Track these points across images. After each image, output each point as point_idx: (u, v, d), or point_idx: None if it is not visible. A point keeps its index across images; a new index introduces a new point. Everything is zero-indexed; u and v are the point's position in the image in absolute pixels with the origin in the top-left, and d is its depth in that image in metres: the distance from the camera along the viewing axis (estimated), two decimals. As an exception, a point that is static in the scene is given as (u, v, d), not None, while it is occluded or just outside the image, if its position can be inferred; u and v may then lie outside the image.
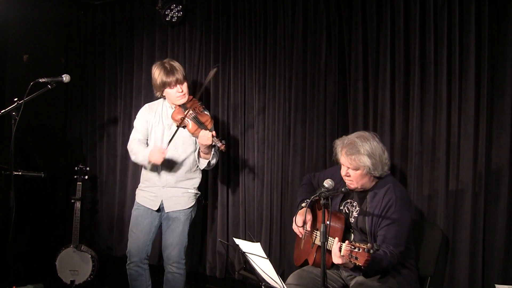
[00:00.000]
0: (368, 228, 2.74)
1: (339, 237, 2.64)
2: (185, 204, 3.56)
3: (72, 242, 4.37)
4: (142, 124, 3.57)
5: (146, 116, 3.58)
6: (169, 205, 3.53)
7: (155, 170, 3.53)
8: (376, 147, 2.74)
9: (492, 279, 3.00)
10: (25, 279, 4.32)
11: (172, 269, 3.56)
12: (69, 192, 4.73)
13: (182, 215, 3.55)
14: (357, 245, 2.39)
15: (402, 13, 3.32)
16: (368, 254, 2.33)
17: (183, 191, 3.56)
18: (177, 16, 4.20)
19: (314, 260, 2.90)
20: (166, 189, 3.53)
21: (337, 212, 2.90)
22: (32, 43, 4.60)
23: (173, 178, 3.53)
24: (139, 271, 3.59)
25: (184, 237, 3.57)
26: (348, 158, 2.74)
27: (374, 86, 3.44)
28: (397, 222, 2.66)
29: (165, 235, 3.58)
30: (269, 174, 3.93)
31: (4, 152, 3.78)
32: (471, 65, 3.07)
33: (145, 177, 3.60)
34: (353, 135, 2.83)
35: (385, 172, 2.78)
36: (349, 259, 2.40)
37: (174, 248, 3.54)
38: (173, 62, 3.50)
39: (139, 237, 3.56)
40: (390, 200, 2.70)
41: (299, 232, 2.98)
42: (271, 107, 3.91)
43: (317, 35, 3.67)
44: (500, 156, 3.02)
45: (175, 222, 3.54)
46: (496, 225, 3.02)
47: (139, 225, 3.56)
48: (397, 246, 2.63)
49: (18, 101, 3.12)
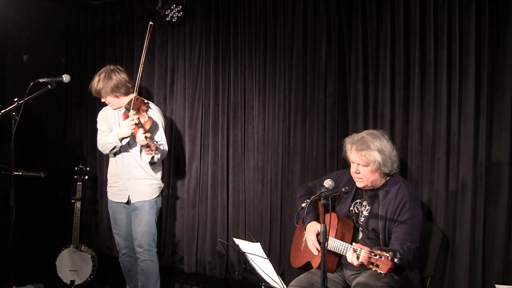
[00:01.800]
0: (382, 227, 2.75)
1: (348, 241, 2.68)
2: (150, 195, 3.74)
3: (72, 242, 4.37)
4: (103, 124, 3.80)
5: (104, 116, 3.82)
6: (135, 196, 3.71)
7: (120, 163, 3.71)
8: (386, 144, 2.78)
9: (492, 279, 3.00)
10: (25, 279, 4.32)
11: (145, 256, 3.72)
12: (69, 192, 4.73)
13: (146, 204, 3.72)
14: (378, 253, 2.36)
15: (402, 13, 3.32)
16: (392, 262, 2.32)
17: (147, 182, 3.74)
18: (177, 16, 4.20)
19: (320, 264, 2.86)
20: (132, 181, 3.71)
21: (343, 217, 2.90)
22: (32, 43, 4.60)
23: (137, 170, 3.71)
24: (131, 261, 3.83)
25: (152, 225, 3.73)
26: (358, 154, 2.77)
27: (374, 86, 3.44)
28: (412, 219, 2.69)
29: (134, 226, 3.75)
30: (269, 174, 3.92)
31: (4, 152, 3.78)
32: (471, 65, 3.07)
33: (111, 173, 3.81)
34: (363, 132, 2.87)
35: (394, 170, 2.80)
36: (368, 265, 2.39)
37: (143, 236, 3.70)
38: (100, 76, 3.68)
39: (121, 231, 3.79)
40: (404, 198, 2.73)
41: (316, 250, 2.91)
42: (271, 107, 3.91)
43: (317, 35, 3.67)
44: (500, 156, 3.02)
45: (141, 212, 3.71)
46: (496, 225, 3.03)
47: (117, 220, 3.79)
48: (414, 242, 2.66)
49: (18, 101, 3.12)
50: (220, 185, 4.14)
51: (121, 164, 3.73)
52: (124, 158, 3.71)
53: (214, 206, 4.18)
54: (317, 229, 2.91)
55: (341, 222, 2.84)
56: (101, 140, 3.73)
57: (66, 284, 4.37)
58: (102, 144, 3.71)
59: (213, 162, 4.18)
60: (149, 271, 3.74)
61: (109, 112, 3.81)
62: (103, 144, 3.70)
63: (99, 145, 3.79)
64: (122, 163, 3.72)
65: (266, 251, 3.60)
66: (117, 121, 3.77)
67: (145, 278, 3.74)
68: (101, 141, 3.74)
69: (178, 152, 4.38)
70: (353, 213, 2.91)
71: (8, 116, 3.11)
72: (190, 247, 4.29)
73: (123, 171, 3.72)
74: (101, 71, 3.72)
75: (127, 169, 3.71)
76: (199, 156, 4.26)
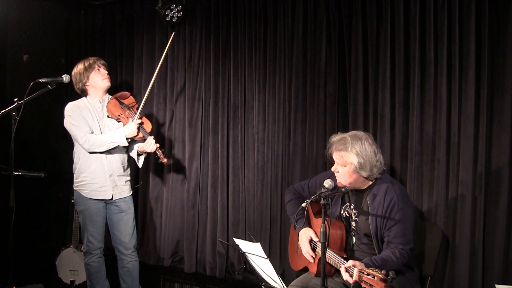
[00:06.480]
0: (373, 231, 2.73)
1: (338, 248, 2.67)
2: (128, 191, 3.81)
3: (72, 242, 4.37)
4: (80, 119, 3.63)
5: (79, 111, 3.65)
6: (117, 193, 3.71)
7: (104, 159, 3.67)
8: (367, 148, 2.71)
9: (492, 279, 3.00)
10: (25, 279, 4.32)
11: (132, 257, 3.76)
12: (69, 192, 4.72)
13: (130, 204, 3.79)
14: (370, 272, 2.30)
15: (402, 13, 3.31)
16: (385, 284, 2.24)
17: (125, 179, 3.78)
18: (177, 16, 4.20)
19: (317, 271, 2.82)
20: (114, 177, 3.70)
21: (336, 221, 2.89)
22: (32, 43, 4.61)
23: (119, 166, 3.72)
24: (101, 262, 3.78)
25: (134, 225, 3.81)
26: (337, 153, 2.76)
27: (374, 86, 3.44)
28: (403, 220, 2.65)
29: (119, 226, 3.74)
30: (269, 174, 3.93)
31: (4, 152, 3.78)
32: (471, 65, 3.07)
33: (89, 170, 3.67)
34: (348, 133, 2.83)
35: (374, 174, 2.74)
36: (362, 283, 2.35)
37: (132, 237, 3.77)
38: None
39: (98, 232, 3.71)
40: (392, 199, 2.69)
41: (311, 257, 2.87)
42: (271, 107, 3.91)
43: (317, 35, 3.67)
44: (500, 156, 3.02)
45: (128, 213, 3.76)
46: (496, 225, 3.02)
47: (95, 221, 3.69)
48: (406, 243, 2.63)
49: (18, 101, 3.12)
50: (220, 185, 4.14)
51: (104, 160, 3.66)
52: (110, 153, 3.67)
53: (214, 206, 4.18)
54: (310, 236, 2.90)
55: (332, 229, 2.80)
56: (96, 139, 3.58)
57: (66, 284, 4.37)
58: (98, 143, 3.58)
59: (213, 162, 4.18)
60: (135, 272, 3.77)
61: (82, 108, 3.68)
62: (99, 143, 3.58)
63: (88, 144, 3.58)
64: (106, 159, 3.66)
65: (266, 251, 3.61)
66: (95, 115, 3.68)
67: (132, 279, 3.76)
68: (95, 140, 3.58)
69: (178, 152, 4.38)
70: (344, 217, 2.90)
71: (8, 116, 3.12)
72: (190, 247, 4.29)
73: (106, 167, 3.66)
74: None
75: (110, 165, 3.68)
76: (199, 156, 4.26)
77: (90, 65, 3.67)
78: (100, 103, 3.73)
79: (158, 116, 4.48)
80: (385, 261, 2.53)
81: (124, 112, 3.70)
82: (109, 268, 3.85)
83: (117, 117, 3.70)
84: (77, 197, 3.73)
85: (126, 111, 3.71)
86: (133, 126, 3.60)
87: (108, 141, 3.60)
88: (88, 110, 3.68)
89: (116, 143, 3.60)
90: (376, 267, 2.38)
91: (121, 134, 3.59)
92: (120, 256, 3.77)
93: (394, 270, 2.47)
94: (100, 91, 3.73)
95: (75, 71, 3.70)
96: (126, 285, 3.78)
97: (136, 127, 3.61)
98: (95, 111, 3.70)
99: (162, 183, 4.47)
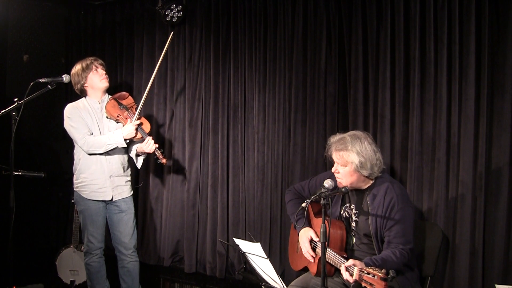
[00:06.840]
0: (373, 231, 2.73)
1: (338, 248, 2.66)
2: (129, 191, 3.81)
3: (72, 242, 4.37)
4: (79, 121, 3.63)
5: (78, 113, 3.65)
6: (117, 193, 3.71)
7: (103, 160, 3.66)
8: (367, 147, 2.72)
9: (492, 279, 3.00)
10: (25, 279, 4.32)
11: (132, 257, 3.76)
12: (69, 192, 4.72)
13: (130, 204, 3.78)
14: (370, 271, 2.30)
15: (402, 13, 3.31)
16: (385, 282, 2.24)
17: (125, 179, 3.77)
18: (177, 16, 4.20)
19: (317, 271, 2.83)
20: (114, 178, 3.69)
21: (336, 221, 2.89)
22: (32, 43, 4.61)
23: (119, 167, 3.72)
24: (101, 262, 3.77)
25: (134, 225, 3.81)
26: (337, 153, 2.75)
27: (374, 86, 3.44)
28: (402, 220, 2.65)
29: (119, 226, 3.74)
30: (269, 174, 3.93)
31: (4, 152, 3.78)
32: (471, 65, 3.07)
33: (89, 171, 3.67)
34: (347, 133, 2.83)
35: (375, 173, 2.74)
36: (362, 283, 2.35)
37: (132, 237, 3.76)
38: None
39: (99, 232, 3.71)
40: (392, 199, 2.69)
41: (311, 257, 2.88)
42: (271, 107, 3.91)
43: (317, 35, 3.67)
44: (500, 156, 3.02)
45: (128, 213, 3.75)
46: (496, 225, 3.02)
47: (95, 222, 3.69)
48: (407, 243, 2.63)
49: (18, 101, 3.12)
50: (220, 185, 4.14)
51: (104, 161, 3.66)
52: (109, 154, 3.67)
53: (214, 206, 4.18)
54: (310, 236, 2.90)
55: (333, 229, 2.80)
56: (94, 141, 3.58)
57: (66, 284, 4.37)
58: (97, 145, 3.57)
59: (213, 162, 4.18)
60: (135, 272, 3.77)
61: (81, 109, 3.67)
62: (98, 145, 3.57)
63: (87, 146, 3.58)
64: (105, 160, 3.66)
65: (266, 251, 3.60)
66: (94, 116, 3.68)
67: (132, 279, 3.76)
68: (94, 142, 3.58)
69: (178, 152, 4.38)
70: (344, 217, 2.90)
71: (8, 116, 3.12)
72: (190, 247, 4.29)
73: (106, 168, 3.66)
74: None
75: (110, 166, 3.68)
76: (199, 156, 4.26)
77: (88, 66, 3.65)
78: (99, 104, 3.73)
79: (158, 116, 4.48)
80: (385, 260, 2.53)
81: (122, 113, 3.69)
82: (109, 268, 3.85)
83: (116, 118, 3.68)
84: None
85: (124, 111, 3.70)
86: (131, 127, 3.58)
87: (107, 142, 3.59)
88: (87, 111, 3.68)
89: (114, 144, 3.59)
90: (376, 266, 2.38)
91: (119, 136, 3.58)
92: (120, 256, 3.77)
93: (394, 269, 2.47)
94: (98, 92, 3.72)
95: (73, 72, 3.69)
96: (126, 285, 3.77)
97: (134, 128, 3.59)
98: (94, 112, 3.70)
99: (162, 183, 4.47)
